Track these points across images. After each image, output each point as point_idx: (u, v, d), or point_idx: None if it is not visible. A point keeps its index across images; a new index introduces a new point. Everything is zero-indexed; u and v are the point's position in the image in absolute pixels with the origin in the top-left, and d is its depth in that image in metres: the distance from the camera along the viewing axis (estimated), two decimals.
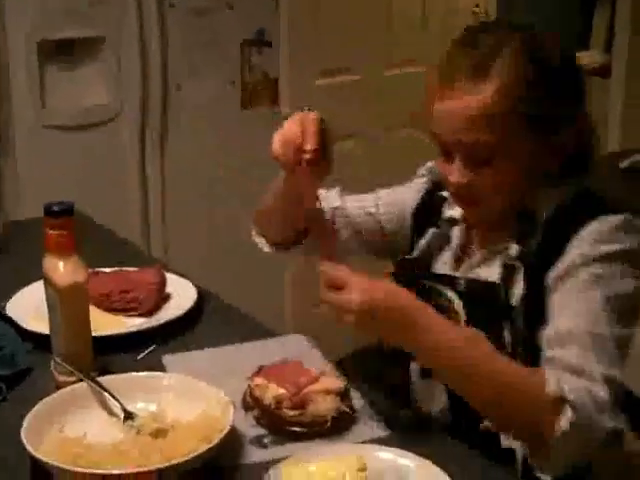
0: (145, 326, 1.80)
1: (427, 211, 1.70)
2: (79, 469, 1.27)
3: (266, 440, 1.42)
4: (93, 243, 1.95)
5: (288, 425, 1.42)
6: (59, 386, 1.52)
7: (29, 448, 1.30)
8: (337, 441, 1.41)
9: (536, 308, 1.46)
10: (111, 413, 1.47)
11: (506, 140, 1.44)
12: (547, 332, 1.41)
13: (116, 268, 2.00)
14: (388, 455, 1.34)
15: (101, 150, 3.15)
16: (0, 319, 1.79)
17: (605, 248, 1.42)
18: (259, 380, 1.48)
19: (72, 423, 1.43)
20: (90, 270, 1.70)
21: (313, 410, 1.42)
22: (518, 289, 1.49)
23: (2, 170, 3.03)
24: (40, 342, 1.66)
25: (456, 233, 1.64)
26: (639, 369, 1.51)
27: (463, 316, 1.55)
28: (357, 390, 1.54)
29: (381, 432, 1.44)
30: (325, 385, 1.45)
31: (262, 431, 1.44)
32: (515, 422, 1.36)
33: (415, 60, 3.83)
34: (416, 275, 1.64)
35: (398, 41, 3.90)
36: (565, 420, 1.29)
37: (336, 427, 1.43)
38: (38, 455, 1.29)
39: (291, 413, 1.42)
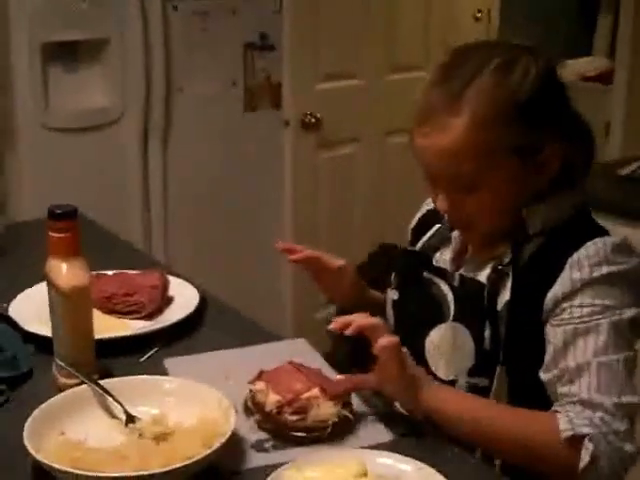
0: (147, 329, 1.80)
1: (433, 215, 1.72)
2: (80, 472, 1.27)
3: (267, 445, 1.42)
4: (96, 246, 1.95)
5: (289, 430, 1.42)
6: (61, 389, 1.52)
7: (31, 450, 1.30)
8: (338, 446, 1.41)
9: (522, 319, 1.49)
10: (113, 416, 1.47)
11: (486, 169, 1.45)
12: (553, 371, 1.44)
13: (119, 271, 2.00)
14: (388, 460, 1.34)
15: (104, 152, 3.16)
16: (2, 321, 1.79)
17: (604, 270, 1.44)
18: (260, 385, 1.48)
19: (74, 426, 1.43)
20: (93, 273, 1.70)
21: (314, 415, 1.42)
22: (505, 296, 1.51)
23: (5, 171, 3.04)
24: (42, 344, 1.67)
25: (455, 235, 1.66)
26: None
27: (452, 310, 1.58)
28: (358, 395, 1.54)
29: (382, 437, 1.45)
30: (326, 390, 1.45)
31: (263, 436, 1.44)
32: (540, 468, 1.43)
33: (417, 65, 3.84)
34: (419, 268, 1.66)
35: (401, 46, 3.91)
36: (585, 454, 1.34)
37: (337, 432, 1.43)
38: (40, 458, 1.30)
39: (292, 418, 1.42)
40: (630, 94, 3.39)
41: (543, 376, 1.45)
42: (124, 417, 1.44)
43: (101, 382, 1.51)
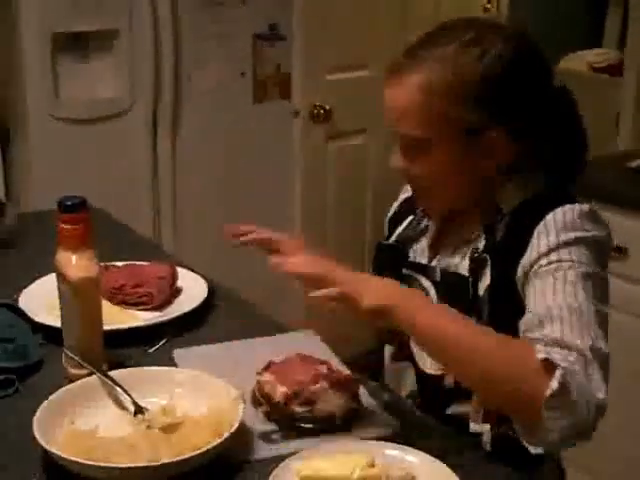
0: (156, 320, 1.81)
1: (408, 205, 1.75)
2: (90, 462, 1.28)
3: (275, 436, 1.43)
4: (105, 237, 1.96)
5: (297, 421, 1.43)
6: (70, 379, 1.53)
7: (41, 441, 1.32)
8: (345, 437, 1.42)
9: (501, 300, 1.49)
10: (122, 407, 1.48)
11: (432, 134, 1.50)
12: (526, 318, 1.40)
13: (128, 262, 2.01)
14: (395, 452, 1.35)
15: (113, 142, 3.16)
16: (12, 311, 1.80)
17: (572, 235, 1.44)
18: (268, 376, 1.48)
19: (83, 416, 1.44)
20: (102, 264, 1.71)
21: (322, 407, 1.43)
22: (485, 281, 1.52)
23: (15, 162, 3.05)
24: (52, 335, 1.68)
25: (431, 223, 1.68)
26: None
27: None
28: (365, 387, 1.55)
29: (389, 429, 1.45)
30: (334, 382, 1.46)
31: (271, 427, 1.45)
32: (506, 389, 1.32)
33: None
34: (396, 262, 1.68)
35: (411, 37, 3.88)
36: (556, 380, 1.25)
37: (344, 423, 1.44)
38: (49, 448, 1.31)
39: (300, 409, 1.43)
40: None
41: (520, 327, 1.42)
42: (133, 408, 1.45)
43: (110, 373, 1.52)
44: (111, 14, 3.03)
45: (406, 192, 1.77)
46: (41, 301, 1.82)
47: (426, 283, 1.61)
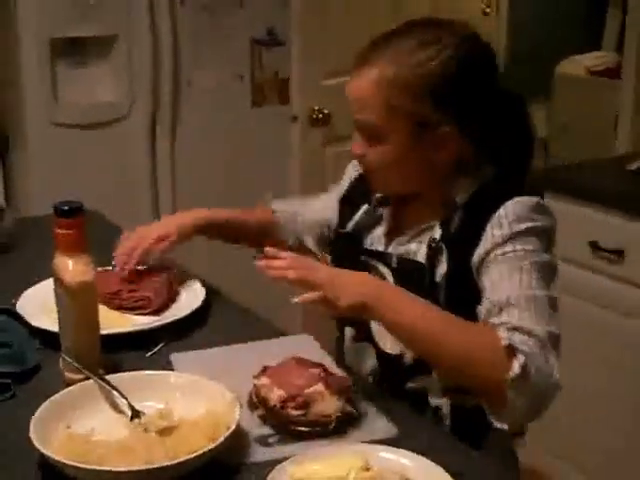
0: (153, 324, 1.81)
1: (360, 190, 1.81)
2: (86, 465, 1.28)
3: (271, 439, 1.43)
4: (104, 241, 1.97)
5: (293, 425, 1.43)
6: (67, 383, 1.54)
7: (37, 444, 1.32)
8: (341, 441, 1.42)
9: (457, 287, 1.58)
10: (118, 411, 1.48)
11: (386, 124, 1.59)
12: (484, 306, 1.50)
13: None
14: (391, 455, 1.35)
15: (112, 147, 3.17)
16: (10, 316, 1.81)
17: (523, 226, 1.53)
18: (264, 380, 1.49)
19: (80, 420, 1.44)
20: (100, 268, 1.72)
21: (318, 410, 1.43)
22: (442, 268, 1.60)
23: (14, 167, 3.06)
24: (49, 339, 1.68)
25: (387, 211, 1.75)
26: None
27: None
28: (361, 390, 1.55)
29: (385, 432, 1.45)
30: (330, 385, 1.46)
31: (267, 430, 1.45)
32: (475, 373, 1.44)
33: None
34: (354, 250, 1.75)
35: None
36: (517, 364, 1.38)
37: (340, 427, 1.44)
38: (46, 451, 1.31)
39: (296, 413, 1.43)
40: (638, 89, 3.37)
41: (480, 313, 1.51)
42: (129, 412, 1.46)
43: (107, 377, 1.52)
44: (109, 19, 3.04)
45: (349, 173, 1.88)
46: (39, 305, 1.82)
47: (383, 269, 1.68)
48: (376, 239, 1.74)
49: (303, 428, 1.43)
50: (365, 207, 1.79)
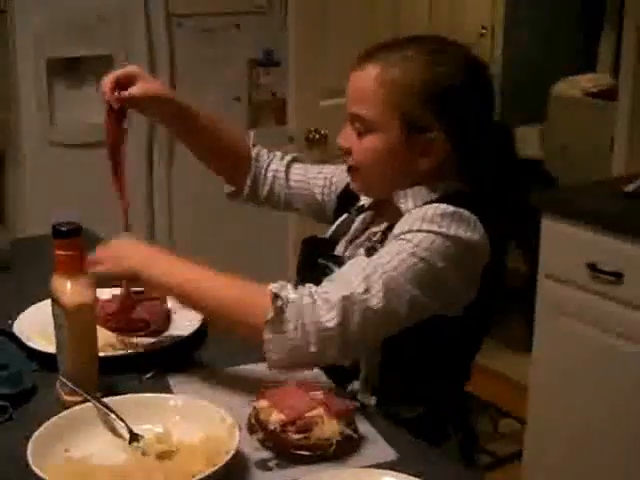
0: (152, 347, 1.80)
1: (348, 198, 1.89)
2: None
3: (271, 463, 1.42)
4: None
5: (293, 448, 1.42)
6: (65, 406, 1.52)
7: (34, 468, 1.30)
8: (342, 465, 1.41)
9: None
10: (116, 434, 1.47)
11: (379, 121, 1.64)
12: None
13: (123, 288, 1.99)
14: (392, 479, 1.34)
15: (108, 167, 3.15)
16: (6, 337, 1.79)
17: (425, 226, 1.56)
18: (264, 403, 1.48)
19: (77, 443, 1.43)
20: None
21: (318, 434, 1.42)
22: None
23: (10, 187, 3.05)
24: (46, 361, 1.67)
25: (359, 219, 1.82)
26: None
27: None
28: (362, 413, 1.54)
29: (385, 456, 1.44)
30: (331, 409, 1.45)
31: (267, 454, 1.44)
32: (236, 319, 1.57)
33: None
34: (317, 254, 1.81)
35: None
36: (271, 309, 1.49)
37: (341, 451, 1.43)
38: (43, 475, 1.29)
39: (296, 437, 1.42)
40: (634, 111, 3.38)
41: None
42: (128, 435, 1.44)
43: (105, 400, 1.50)
44: (106, 40, 3.05)
45: (344, 174, 1.87)
46: (36, 327, 1.81)
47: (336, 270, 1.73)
48: (342, 244, 1.82)
49: (303, 452, 1.42)
50: (344, 216, 1.87)
